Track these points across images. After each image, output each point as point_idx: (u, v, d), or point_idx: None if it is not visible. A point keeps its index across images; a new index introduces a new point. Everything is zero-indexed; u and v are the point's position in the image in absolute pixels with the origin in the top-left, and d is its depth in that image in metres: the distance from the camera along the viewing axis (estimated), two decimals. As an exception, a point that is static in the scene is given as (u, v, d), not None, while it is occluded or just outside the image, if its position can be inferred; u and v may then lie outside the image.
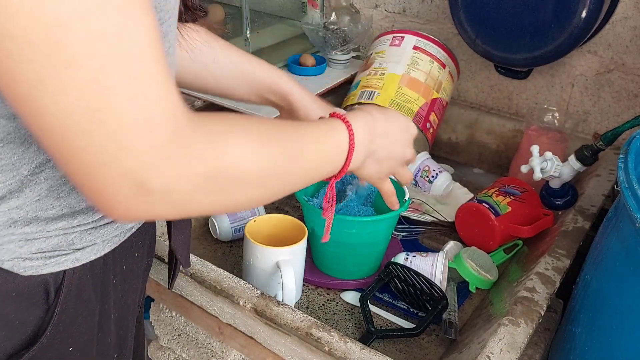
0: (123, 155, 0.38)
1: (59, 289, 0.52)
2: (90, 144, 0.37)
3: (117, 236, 0.56)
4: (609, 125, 1.23)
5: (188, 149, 0.40)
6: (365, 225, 0.90)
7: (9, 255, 0.49)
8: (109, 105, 0.36)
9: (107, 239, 0.55)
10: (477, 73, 1.38)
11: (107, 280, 0.57)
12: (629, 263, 0.64)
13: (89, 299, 0.55)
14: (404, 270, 0.89)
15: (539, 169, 0.99)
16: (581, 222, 0.94)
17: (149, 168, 0.39)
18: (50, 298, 0.52)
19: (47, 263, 0.51)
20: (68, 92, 0.36)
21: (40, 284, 0.51)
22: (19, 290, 0.50)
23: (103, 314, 0.58)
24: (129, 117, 0.37)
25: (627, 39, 1.17)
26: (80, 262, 0.53)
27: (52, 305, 0.52)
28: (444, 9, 1.36)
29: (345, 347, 0.68)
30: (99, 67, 0.36)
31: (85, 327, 0.56)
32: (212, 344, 0.87)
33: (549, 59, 1.15)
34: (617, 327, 0.65)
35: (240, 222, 1.01)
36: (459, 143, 1.39)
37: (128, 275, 0.61)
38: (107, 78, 0.36)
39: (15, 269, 0.49)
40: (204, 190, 0.42)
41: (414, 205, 1.13)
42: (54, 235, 0.51)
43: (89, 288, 0.55)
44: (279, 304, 0.74)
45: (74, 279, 0.53)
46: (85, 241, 0.53)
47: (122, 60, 0.36)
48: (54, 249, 0.51)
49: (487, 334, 0.73)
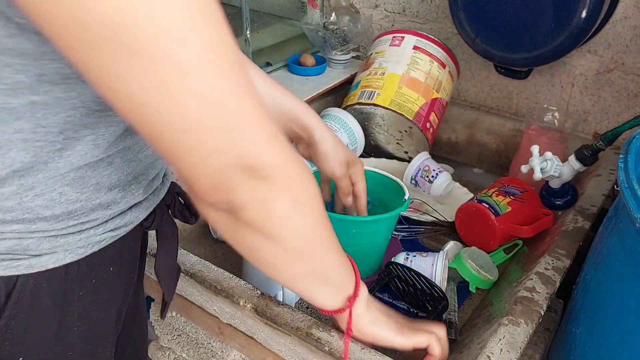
0: (239, 145, 0.42)
1: (9, 294, 0.51)
2: (208, 137, 0.41)
3: (82, 248, 0.55)
4: (609, 125, 1.23)
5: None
6: (365, 225, 0.90)
7: None
8: (226, 105, 0.41)
9: (70, 250, 0.53)
10: (477, 73, 1.38)
11: (70, 291, 0.55)
12: (629, 263, 0.64)
13: (46, 308, 0.54)
14: (404, 270, 0.89)
15: (539, 169, 0.99)
16: (581, 222, 0.94)
17: (261, 154, 0.44)
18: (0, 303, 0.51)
19: None
20: (189, 97, 0.39)
21: None
22: None
23: (64, 326, 0.56)
24: (244, 112, 0.42)
25: (627, 38, 1.17)
26: (35, 269, 0.51)
27: (1, 309, 0.51)
28: (444, 9, 1.36)
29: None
30: (214, 73, 0.40)
31: (40, 337, 0.55)
32: (212, 344, 0.87)
33: (549, 59, 1.15)
34: (617, 327, 0.65)
35: (240, 222, 1.01)
36: (459, 143, 1.39)
37: (100, 289, 0.59)
38: (222, 82, 0.40)
39: None
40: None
41: (414, 205, 1.13)
42: (9, 237, 0.50)
43: (46, 297, 0.53)
44: (279, 304, 0.74)
45: (27, 285, 0.51)
46: (43, 248, 0.52)
47: (231, 65, 0.41)
48: (7, 252, 0.50)
49: (487, 334, 0.73)
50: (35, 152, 0.48)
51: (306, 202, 0.50)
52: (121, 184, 0.56)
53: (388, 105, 1.19)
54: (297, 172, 0.48)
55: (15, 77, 0.43)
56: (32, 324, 0.53)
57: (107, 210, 0.55)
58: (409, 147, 1.24)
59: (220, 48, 0.40)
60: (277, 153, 0.45)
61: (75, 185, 0.51)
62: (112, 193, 0.55)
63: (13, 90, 0.44)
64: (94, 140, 0.50)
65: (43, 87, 0.45)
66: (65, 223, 0.52)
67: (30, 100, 0.45)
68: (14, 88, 0.44)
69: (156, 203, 0.63)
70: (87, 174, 0.52)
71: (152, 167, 0.60)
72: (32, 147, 0.47)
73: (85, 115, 0.48)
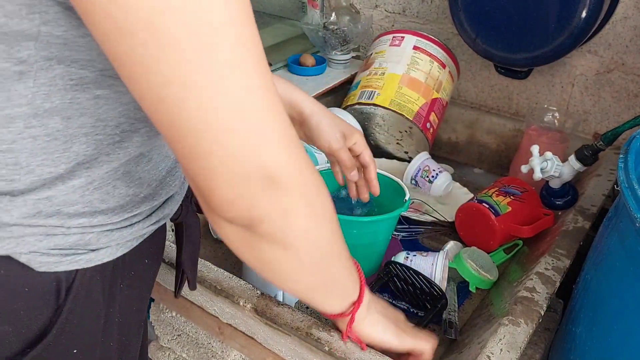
0: (261, 152, 0.42)
1: (69, 288, 0.52)
2: (231, 139, 0.40)
3: (130, 241, 0.56)
4: (609, 125, 1.23)
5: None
6: (365, 225, 0.90)
7: (27, 249, 0.49)
8: (254, 105, 0.40)
9: (121, 243, 0.55)
10: (477, 73, 1.38)
11: (114, 284, 0.57)
12: (629, 263, 0.64)
13: (97, 302, 0.55)
14: (404, 269, 0.89)
15: (539, 169, 0.99)
16: (581, 222, 0.94)
17: (282, 162, 0.43)
18: (61, 297, 0.52)
19: (62, 260, 0.50)
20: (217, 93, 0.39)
21: (52, 282, 0.51)
22: (32, 286, 0.50)
23: (108, 318, 0.58)
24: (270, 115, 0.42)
25: (627, 38, 1.17)
26: (93, 263, 0.53)
27: (61, 304, 0.52)
28: (444, 9, 1.36)
29: (345, 347, 0.68)
30: (245, 70, 0.39)
31: (91, 329, 0.56)
32: (212, 344, 0.87)
33: (549, 59, 1.15)
34: (617, 327, 0.65)
35: (240, 222, 1.01)
36: (459, 143, 1.39)
37: (135, 281, 0.61)
38: (252, 80, 0.40)
39: (31, 263, 0.49)
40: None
41: (414, 205, 1.13)
42: (73, 232, 0.51)
43: (98, 290, 0.55)
44: (279, 304, 0.74)
45: (85, 279, 0.53)
46: (101, 243, 0.53)
47: (260, 63, 0.40)
48: (71, 247, 0.51)
49: (487, 334, 0.73)
50: (96, 145, 0.48)
51: (323, 212, 0.50)
52: (160, 177, 0.57)
53: (388, 105, 1.19)
54: (314, 182, 0.47)
55: (80, 73, 0.44)
56: (85, 317, 0.54)
57: (152, 203, 0.56)
58: (409, 147, 1.24)
59: (251, 44, 0.39)
60: (295, 161, 0.44)
61: (125, 180, 0.52)
62: (152, 187, 0.56)
63: (80, 85, 0.45)
64: (147, 132, 0.52)
65: (106, 81, 0.46)
66: (120, 216, 0.53)
67: (95, 94, 0.46)
68: (80, 83, 0.45)
69: (184, 195, 0.63)
70: (132, 168, 0.53)
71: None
72: (92, 141, 0.48)
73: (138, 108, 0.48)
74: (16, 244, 0.48)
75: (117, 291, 0.58)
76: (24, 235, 0.48)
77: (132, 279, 0.59)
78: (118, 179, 0.52)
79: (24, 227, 0.48)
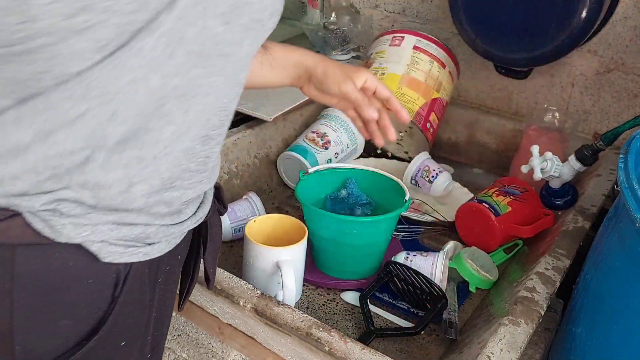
0: None
1: (125, 280, 0.53)
2: None
3: (176, 238, 0.57)
4: (609, 125, 1.23)
5: None
6: (365, 225, 0.90)
7: (100, 237, 0.49)
8: None
9: (168, 240, 0.56)
10: (477, 73, 1.38)
11: (155, 279, 0.58)
12: (629, 263, 0.64)
13: (144, 295, 0.56)
14: (404, 269, 0.89)
15: (539, 169, 0.99)
16: (581, 222, 0.94)
17: None
18: (117, 289, 0.52)
19: (125, 252, 0.51)
20: None
21: (113, 274, 0.52)
22: (96, 278, 0.51)
23: (149, 312, 0.59)
24: None
25: (627, 38, 1.17)
26: (147, 257, 0.53)
27: (116, 296, 0.53)
28: (444, 9, 1.36)
29: (345, 347, 0.68)
30: None
31: (138, 322, 0.57)
32: (212, 344, 0.87)
33: (549, 59, 1.15)
34: (617, 327, 0.65)
35: (240, 222, 1.01)
36: (459, 143, 1.39)
37: (170, 277, 0.62)
38: None
39: (101, 253, 0.49)
40: None
41: (414, 205, 1.13)
42: (140, 223, 0.51)
43: (145, 284, 0.56)
44: (279, 304, 0.74)
45: (138, 272, 0.54)
46: (155, 237, 0.54)
47: None
48: (134, 239, 0.52)
49: (487, 334, 0.73)
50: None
51: None
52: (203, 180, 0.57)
53: (388, 105, 1.19)
54: None
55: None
56: (135, 309, 0.55)
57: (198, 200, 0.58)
58: (409, 147, 1.24)
59: None
60: None
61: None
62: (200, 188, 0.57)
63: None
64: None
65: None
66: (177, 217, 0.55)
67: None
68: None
69: (212, 195, 0.64)
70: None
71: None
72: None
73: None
74: (91, 231, 0.48)
75: (156, 286, 0.59)
76: (99, 223, 0.49)
77: (168, 274, 0.60)
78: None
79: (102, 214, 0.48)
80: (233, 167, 1.15)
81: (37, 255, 0.47)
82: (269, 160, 1.23)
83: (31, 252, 0.47)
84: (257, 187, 1.18)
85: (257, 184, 1.19)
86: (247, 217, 1.01)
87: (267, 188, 1.21)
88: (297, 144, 1.20)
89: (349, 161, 1.24)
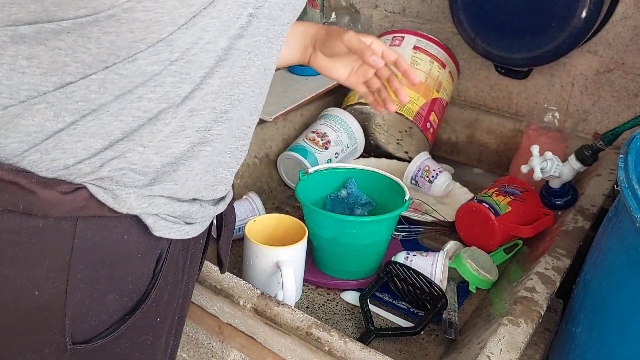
0: None
1: (167, 256, 0.54)
2: None
3: (207, 220, 0.58)
4: (609, 125, 1.23)
5: None
6: (365, 225, 0.90)
7: (156, 210, 0.50)
8: None
9: (204, 222, 0.57)
10: (477, 73, 1.38)
11: (185, 260, 0.59)
12: (629, 263, 0.64)
13: (178, 273, 0.57)
14: (404, 269, 0.89)
15: (539, 169, 0.99)
16: (581, 222, 0.94)
17: None
18: (159, 265, 0.53)
19: (172, 228, 0.52)
20: None
21: (158, 249, 0.53)
22: (144, 252, 0.52)
23: (180, 292, 0.60)
24: None
25: (627, 38, 1.17)
26: (187, 236, 0.54)
27: (157, 272, 0.53)
28: (444, 9, 1.36)
29: (345, 347, 0.68)
30: None
31: (172, 298, 0.58)
32: (212, 344, 0.87)
33: (549, 59, 1.15)
34: (617, 327, 0.65)
35: (240, 222, 1.01)
36: (459, 143, 1.39)
37: (194, 259, 0.63)
38: None
39: (155, 226, 0.50)
40: None
41: (414, 205, 1.13)
42: (187, 200, 0.53)
43: (179, 263, 0.57)
44: (279, 304, 0.74)
45: (176, 250, 0.55)
46: (197, 217, 0.55)
47: None
48: (181, 216, 0.53)
49: (487, 334, 0.73)
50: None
51: None
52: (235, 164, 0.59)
53: (388, 105, 1.19)
54: None
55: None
56: (170, 286, 0.56)
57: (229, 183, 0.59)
58: (409, 147, 1.24)
59: None
60: None
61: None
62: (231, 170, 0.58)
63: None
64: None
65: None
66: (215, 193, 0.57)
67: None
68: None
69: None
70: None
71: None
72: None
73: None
74: (149, 203, 0.49)
75: (185, 266, 0.59)
76: (156, 195, 0.49)
77: (193, 257, 0.61)
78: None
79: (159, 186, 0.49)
80: (233, 167, 1.15)
81: (97, 228, 0.48)
82: (269, 160, 1.23)
83: (91, 224, 0.48)
84: (257, 187, 1.18)
85: (257, 184, 1.19)
86: (247, 217, 1.01)
87: (267, 188, 1.21)
88: (297, 144, 1.20)
89: (349, 161, 1.24)
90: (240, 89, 0.51)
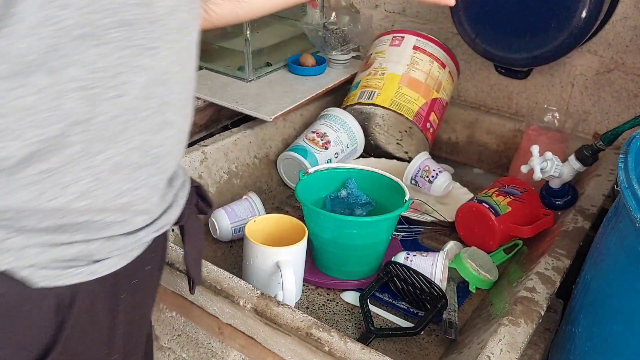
0: None
1: (72, 303, 0.50)
2: None
3: (132, 250, 0.54)
4: (609, 125, 1.23)
5: None
6: (365, 225, 0.90)
7: (28, 262, 0.46)
8: None
9: (123, 254, 0.53)
10: (477, 73, 1.38)
11: (117, 294, 0.55)
12: (629, 263, 0.64)
13: (100, 315, 0.53)
14: (404, 269, 0.89)
15: (539, 169, 0.99)
16: (581, 222, 0.94)
17: None
18: (62, 313, 0.49)
19: (63, 274, 0.48)
20: None
21: (52, 297, 0.49)
22: (31, 305, 0.48)
23: (112, 330, 0.56)
24: None
25: (627, 38, 1.17)
26: (94, 276, 0.50)
27: (64, 320, 0.50)
28: (444, 9, 1.36)
29: (345, 347, 0.68)
30: None
31: (95, 343, 0.54)
32: (212, 344, 0.87)
33: (549, 59, 1.15)
34: (617, 327, 0.65)
35: (240, 222, 1.01)
36: (459, 143, 1.39)
37: (138, 290, 0.58)
38: None
39: (32, 278, 0.47)
40: None
41: (414, 205, 1.13)
42: (78, 241, 0.48)
43: (101, 302, 0.53)
44: (279, 304, 0.74)
45: (88, 292, 0.50)
46: (103, 253, 0.51)
47: None
48: (73, 259, 0.49)
49: (487, 334, 0.73)
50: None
51: None
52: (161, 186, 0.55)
53: (388, 105, 1.19)
54: None
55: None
56: (89, 331, 0.52)
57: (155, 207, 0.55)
58: (409, 147, 1.24)
59: None
60: None
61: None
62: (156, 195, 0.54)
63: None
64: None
65: None
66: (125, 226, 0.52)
67: None
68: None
69: (185, 199, 0.61)
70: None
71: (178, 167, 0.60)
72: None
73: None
74: (15, 257, 0.46)
75: (119, 302, 0.56)
76: (27, 246, 0.46)
77: (135, 287, 0.57)
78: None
79: (26, 237, 0.46)
80: (233, 167, 1.15)
81: None
82: (269, 160, 1.23)
83: None
84: (257, 187, 1.18)
85: (257, 184, 1.19)
86: (247, 217, 1.01)
87: (267, 188, 1.21)
88: (297, 144, 1.20)
89: (349, 161, 1.24)
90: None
